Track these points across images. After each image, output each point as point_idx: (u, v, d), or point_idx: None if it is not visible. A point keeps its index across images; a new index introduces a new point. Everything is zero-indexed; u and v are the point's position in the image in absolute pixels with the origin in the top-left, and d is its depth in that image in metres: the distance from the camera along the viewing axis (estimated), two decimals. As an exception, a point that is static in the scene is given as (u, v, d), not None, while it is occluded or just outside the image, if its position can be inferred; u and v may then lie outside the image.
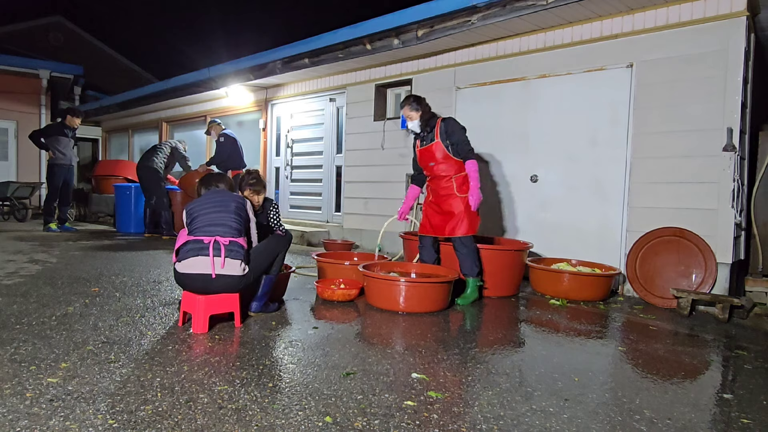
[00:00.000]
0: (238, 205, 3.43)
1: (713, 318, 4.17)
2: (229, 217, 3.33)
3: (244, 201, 3.52)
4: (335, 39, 6.95)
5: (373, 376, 2.57)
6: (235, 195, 3.54)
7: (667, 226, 4.68)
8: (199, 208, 3.36)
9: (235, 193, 3.66)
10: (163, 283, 4.65)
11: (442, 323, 3.73)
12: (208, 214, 3.32)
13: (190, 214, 3.36)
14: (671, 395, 2.53)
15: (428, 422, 2.09)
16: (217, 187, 3.58)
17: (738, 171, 4.49)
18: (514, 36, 5.79)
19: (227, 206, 3.37)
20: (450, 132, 4.40)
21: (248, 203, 3.57)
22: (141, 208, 8.61)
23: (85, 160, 14.26)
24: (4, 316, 3.37)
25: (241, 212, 3.42)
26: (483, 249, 4.61)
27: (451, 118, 4.52)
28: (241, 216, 3.40)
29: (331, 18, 29.03)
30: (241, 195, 3.60)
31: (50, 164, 8.43)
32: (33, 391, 2.21)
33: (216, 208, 3.34)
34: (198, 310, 3.19)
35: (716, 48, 4.50)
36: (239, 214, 3.39)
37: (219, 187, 3.58)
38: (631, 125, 4.97)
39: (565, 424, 2.14)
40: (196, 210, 3.36)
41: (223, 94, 9.78)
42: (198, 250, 3.20)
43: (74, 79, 12.97)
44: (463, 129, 4.44)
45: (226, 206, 3.37)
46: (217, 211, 3.33)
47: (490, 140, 6.03)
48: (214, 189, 3.57)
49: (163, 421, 1.99)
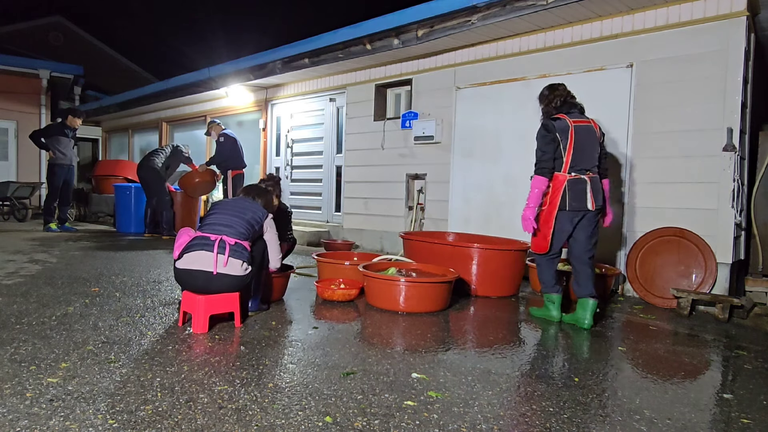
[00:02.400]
0: (255, 217, 3.49)
1: (713, 318, 4.17)
2: (241, 223, 3.39)
3: (263, 217, 3.55)
4: (335, 39, 6.95)
5: (373, 376, 2.57)
6: (259, 209, 3.58)
7: (667, 226, 4.68)
8: (218, 209, 3.51)
9: (266, 207, 3.69)
10: (163, 283, 4.65)
11: (442, 323, 3.73)
12: (222, 215, 3.43)
13: (208, 213, 3.53)
14: (671, 395, 2.53)
15: (428, 422, 2.09)
16: (253, 200, 3.68)
17: (738, 171, 4.49)
18: (514, 36, 5.79)
19: (244, 214, 3.45)
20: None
21: (269, 221, 3.59)
22: (141, 208, 8.61)
23: (85, 160, 14.26)
24: (4, 316, 3.37)
25: (254, 224, 3.47)
26: (483, 249, 4.61)
27: (542, 123, 3.80)
28: (253, 227, 3.45)
29: (331, 18, 29.03)
30: (266, 212, 3.60)
31: (50, 164, 8.43)
32: (33, 391, 2.21)
33: (232, 212, 3.45)
34: (198, 310, 3.19)
35: (716, 48, 4.50)
36: (252, 225, 3.45)
37: (255, 200, 3.68)
38: (631, 125, 4.97)
39: (565, 423, 2.14)
40: (215, 209, 3.52)
41: (223, 94, 9.79)
42: (203, 245, 3.23)
43: (74, 79, 12.97)
44: (542, 136, 3.72)
45: (243, 214, 3.45)
46: (231, 215, 3.42)
47: (490, 140, 6.03)
48: (243, 197, 3.70)
49: (163, 421, 1.99)
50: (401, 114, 7.01)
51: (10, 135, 12.53)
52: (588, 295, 3.70)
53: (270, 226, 3.63)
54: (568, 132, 3.66)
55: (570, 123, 3.69)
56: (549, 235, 3.74)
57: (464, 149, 6.32)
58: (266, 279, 3.83)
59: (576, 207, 3.66)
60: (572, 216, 3.69)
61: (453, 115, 6.40)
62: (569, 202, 3.65)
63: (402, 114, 6.99)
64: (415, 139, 6.70)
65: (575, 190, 3.65)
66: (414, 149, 6.85)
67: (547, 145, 3.69)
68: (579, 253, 3.78)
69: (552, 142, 3.68)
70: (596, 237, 3.79)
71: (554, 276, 3.88)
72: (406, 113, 6.92)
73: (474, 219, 6.18)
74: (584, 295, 3.72)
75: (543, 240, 3.80)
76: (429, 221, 6.73)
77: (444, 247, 4.89)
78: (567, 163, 3.67)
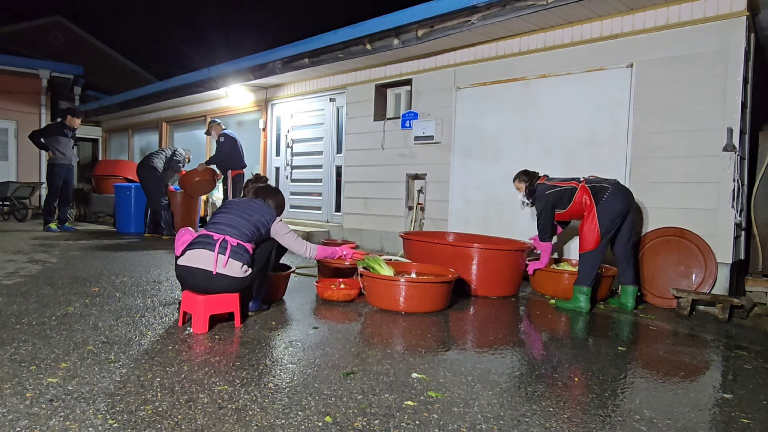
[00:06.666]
0: (262, 219, 3.46)
1: (713, 318, 4.17)
2: (246, 224, 3.38)
3: (271, 220, 3.52)
4: (335, 39, 6.95)
5: (373, 376, 2.57)
6: (267, 211, 3.55)
7: (667, 226, 4.68)
8: (227, 208, 3.50)
9: (275, 210, 3.67)
10: (163, 283, 4.65)
11: (442, 323, 3.73)
12: (229, 215, 3.42)
13: (217, 211, 3.53)
14: (671, 395, 2.53)
15: (428, 422, 2.09)
16: (264, 201, 3.66)
17: (738, 171, 4.49)
18: (514, 36, 5.79)
19: (251, 216, 3.43)
20: (536, 203, 4.62)
21: (279, 224, 3.56)
22: (141, 208, 8.61)
23: (85, 160, 14.26)
24: (4, 316, 3.37)
25: (260, 227, 3.45)
26: (483, 249, 4.61)
27: (537, 190, 4.58)
28: (259, 230, 3.43)
29: (331, 18, 29.02)
30: (275, 215, 3.57)
31: (50, 164, 8.43)
32: (33, 391, 2.21)
33: (239, 213, 3.43)
34: (198, 310, 3.19)
35: (716, 48, 4.50)
36: (258, 228, 3.43)
37: (266, 202, 3.66)
38: (631, 125, 4.97)
39: (565, 423, 2.14)
40: (223, 208, 3.51)
41: (223, 94, 9.79)
42: (205, 244, 3.23)
43: (74, 79, 12.97)
44: (543, 204, 4.49)
45: (250, 216, 3.43)
46: (238, 215, 3.41)
47: (490, 140, 6.03)
48: (252, 198, 3.68)
49: (163, 421, 1.99)
50: (401, 114, 7.01)
51: (10, 135, 12.53)
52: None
53: (282, 228, 3.57)
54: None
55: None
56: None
57: (464, 149, 6.32)
58: (267, 279, 3.83)
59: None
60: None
61: (453, 115, 6.40)
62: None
63: (402, 114, 6.99)
64: (415, 139, 6.70)
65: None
66: (414, 149, 6.85)
67: (546, 209, 4.57)
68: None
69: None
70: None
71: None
72: (406, 113, 6.92)
73: (474, 219, 6.18)
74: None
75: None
76: (429, 221, 6.73)
77: (444, 247, 4.89)
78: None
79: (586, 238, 4.20)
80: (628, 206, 4.22)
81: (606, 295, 4.65)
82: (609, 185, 4.23)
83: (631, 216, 4.25)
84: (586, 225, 4.22)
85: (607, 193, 4.18)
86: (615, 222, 4.17)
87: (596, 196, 4.21)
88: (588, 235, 4.19)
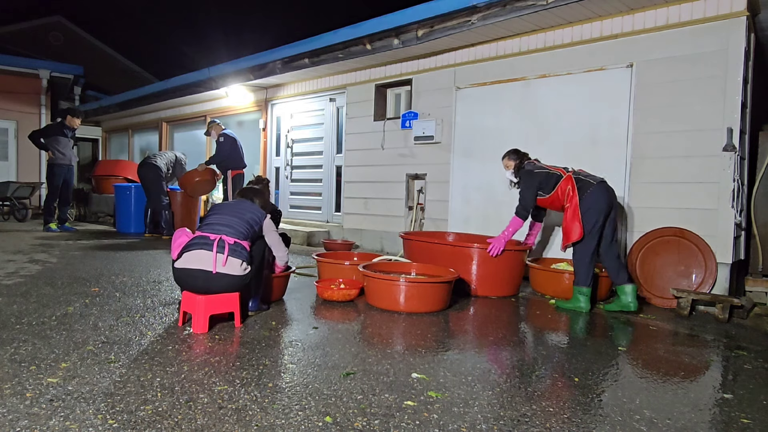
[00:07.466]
0: (254, 217, 3.54)
1: (713, 318, 4.17)
2: (240, 223, 3.43)
3: (262, 218, 3.61)
4: (335, 39, 6.95)
5: (373, 376, 2.57)
6: (257, 209, 3.64)
7: (667, 226, 4.68)
8: (218, 209, 3.56)
9: (263, 208, 3.77)
10: (163, 283, 4.65)
11: (442, 323, 3.73)
12: (222, 215, 3.47)
13: (207, 213, 3.58)
14: (671, 395, 2.53)
15: (428, 422, 2.09)
16: (251, 201, 3.75)
17: (738, 171, 4.49)
18: (514, 36, 5.79)
19: (243, 214, 3.49)
20: (522, 180, 4.59)
21: (268, 221, 3.66)
22: (141, 208, 8.61)
23: (85, 160, 14.26)
24: (4, 316, 3.37)
25: (254, 225, 3.52)
26: (483, 249, 4.61)
27: (524, 170, 4.58)
28: (252, 227, 3.50)
29: (331, 18, 29.01)
30: (264, 213, 3.67)
31: (50, 164, 8.43)
32: (33, 391, 2.21)
33: (231, 213, 3.49)
34: (198, 310, 3.19)
35: (716, 48, 4.50)
36: (252, 226, 3.49)
37: (254, 202, 3.76)
38: (631, 125, 4.97)
39: (565, 423, 2.14)
40: (214, 210, 3.56)
41: (223, 94, 9.79)
42: (202, 245, 3.24)
43: (74, 79, 12.97)
44: (527, 185, 4.49)
45: (242, 214, 3.50)
46: (231, 215, 3.46)
47: (490, 140, 6.03)
48: (241, 199, 3.78)
49: (163, 421, 1.99)
50: (401, 114, 7.01)
51: (10, 135, 12.53)
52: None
53: (270, 226, 3.66)
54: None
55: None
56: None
57: (464, 149, 6.32)
58: (266, 279, 3.84)
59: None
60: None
61: (453, 115, 6.40)
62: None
63: (402, 114, 6.99)
64: (415, 139, 6.70)
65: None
66: (414, 149, 6.85)
67: (529, 189, 4.55)
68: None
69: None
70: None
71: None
72: (406, 113, 6.92)
73: (474, 219, 6.18)
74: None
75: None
76: (429, 221, 6.73)
77: (444, 247, 4.89)
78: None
79: (569, 226, 4.21)
80: (611, 204, 4.22)
81: (606, 296, 4.65)
82: (594, 182, 4.25)
83: (613, 215, 4.26)
84: (567, 215, 4.24)
85: (591, 189, 4.20)
86: (598, 220, 4.16)
87: (580, 189, 4.22)
88: (570, 223, 4.20)
